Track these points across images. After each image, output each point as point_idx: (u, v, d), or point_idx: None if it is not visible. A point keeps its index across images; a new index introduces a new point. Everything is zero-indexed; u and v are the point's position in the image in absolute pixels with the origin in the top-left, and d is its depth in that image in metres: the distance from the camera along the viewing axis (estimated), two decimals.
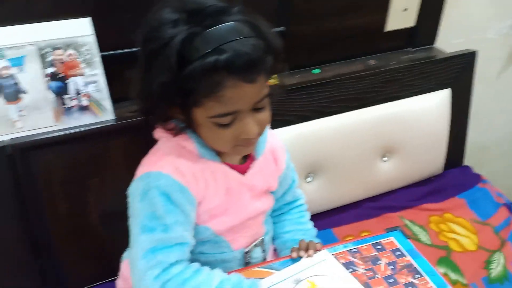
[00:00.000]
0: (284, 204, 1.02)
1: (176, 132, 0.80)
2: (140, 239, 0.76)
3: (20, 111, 0.95)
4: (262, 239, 0.94)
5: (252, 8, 1.11)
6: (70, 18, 0.97)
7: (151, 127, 0.82)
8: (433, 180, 1.47)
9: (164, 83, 0.71)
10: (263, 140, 0.90)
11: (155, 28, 0.72)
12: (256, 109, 0.77)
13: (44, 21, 0.96)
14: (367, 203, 1.36)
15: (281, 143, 0.97)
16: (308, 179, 1.26)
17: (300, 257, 0.89)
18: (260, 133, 0.80)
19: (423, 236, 1.29)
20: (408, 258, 0.91)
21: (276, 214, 1.02)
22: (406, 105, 1.34)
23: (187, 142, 0.81)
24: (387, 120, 1.31)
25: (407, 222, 1.32)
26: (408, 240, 0.96)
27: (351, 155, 1.28)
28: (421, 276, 0.88)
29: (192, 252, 0.85)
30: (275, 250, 1.02)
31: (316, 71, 1.31)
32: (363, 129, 1.29)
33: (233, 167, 0.86)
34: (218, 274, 0.79)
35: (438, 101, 1.37)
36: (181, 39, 0.69)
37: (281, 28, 1.21)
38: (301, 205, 1.04)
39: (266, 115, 0.79)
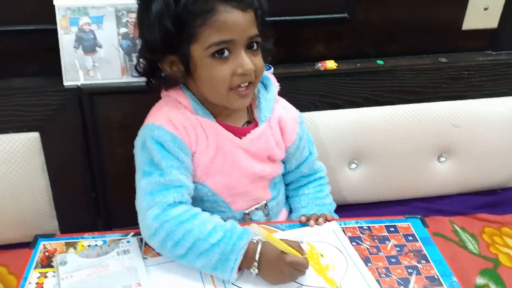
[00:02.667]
0: (302, 176, 1.03)
1: (171, 84, 0.88)
2: (141, 183, 0.85)
3: (94, 62, 1.11)
4: (265, 203, 0.97)
5: None
6: None
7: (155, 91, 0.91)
8: (498, 192, 1.38)
9: (164, 22, 0.79)
10: (268, 108, 0.93)
11: None
12: (250, 48, 0.83)
13: None
14: (416, 202, 1.32)
15: (295, 115, 0.99)
16: (352, 166, 1.26)
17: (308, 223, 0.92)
18: (256, 75, 0.84)
19: (471, 245, 1.22)
20: (419, 244, 0.90)
21: (294, 187, 1.05)
22: (472, 106, 1.28)
23: (183, 98, 0.89)
24: (448, 119, 1.27)
25: (457, 228, 1.26)
26: (427, 229, 0.93)
27: (403, 149, 1.26)
28: (427, 262, 0.86)
29: None
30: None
31: (380, 62, 1.30)
32: (419, 124, 1.26)
33: (230, 128, 0.90)
34: (214, 219, 0.84)
35: (510, 108, 1.29)
36: None
37: (343, 15, 1.23)
38: (320, 178, 1.04)
39: (260, 60, 0.85)
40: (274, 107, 0.94)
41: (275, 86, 0.96)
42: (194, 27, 0.79)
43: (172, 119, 0.87)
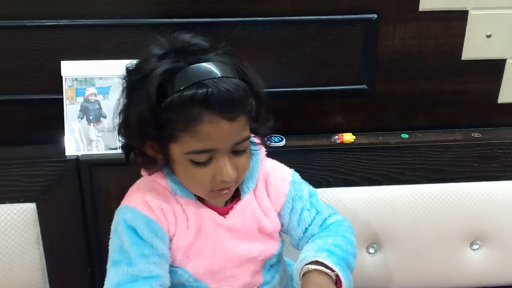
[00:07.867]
0: (312, 235, 0.88)
1: (151, 171, 0.81)
2: (109, 273, 0.78)
3: (98, 132, 1.09)
4: None
5: (335, 63, 1.11)
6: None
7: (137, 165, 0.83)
8: None
9: (141, 112, 0.71)
10: (251, 177, 0.84)
11: (141, 61, 0.76)
12: (235, 152, 0.75)
13: (132, 58, 1.09)
14: None
15: (284, 175, 0.88)
16: (371, 250, 1.14)
17: None
18: (237, 179, 0.77)
19: None
20: None
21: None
22: (508, 188, 1.14)
23: (161, 179, 0.81)
24: (481, 202, 1.13)
25: None
26: None
27: (429, 234, 1.13)
28: None
29: None
30: None
31: (404, 136, 1.21)
32: (448, 207, 1.13)
33: (213, 207, 0.82)
34: None
35: None
36: (163, 71, 0.70)
37: (362, 86, 1.16)
38: (331, 223, 0.89)
39: (245, 160, 0.77)
40: (260, 173, 0.85)
41: (260, 152, 0.87)
42: (174, 129, 0.71)
43: (147, 201, 0.80)
